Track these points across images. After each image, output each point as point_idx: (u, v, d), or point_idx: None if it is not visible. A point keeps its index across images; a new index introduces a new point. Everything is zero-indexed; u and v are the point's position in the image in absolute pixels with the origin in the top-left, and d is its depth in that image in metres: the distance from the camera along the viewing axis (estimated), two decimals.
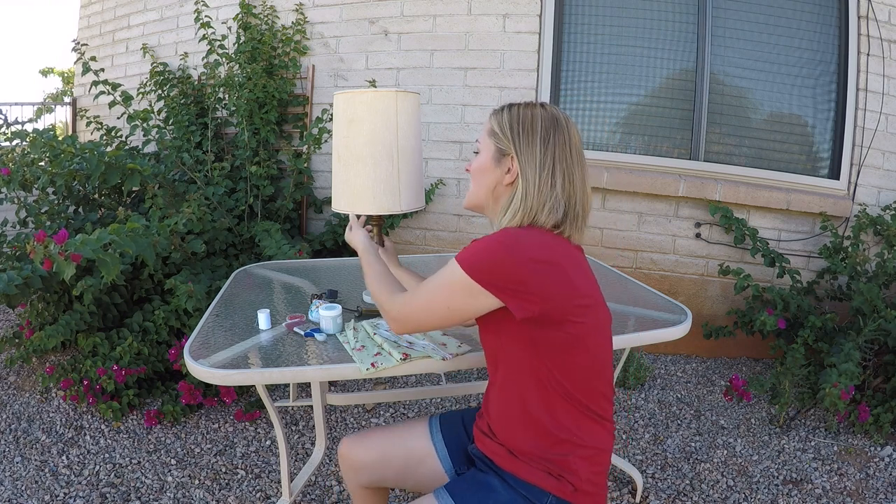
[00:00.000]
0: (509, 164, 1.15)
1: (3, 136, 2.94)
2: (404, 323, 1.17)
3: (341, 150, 1.55)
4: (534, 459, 1.11)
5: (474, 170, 1.22)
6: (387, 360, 1.35)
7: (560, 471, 1.10)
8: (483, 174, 1.20)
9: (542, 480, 1.10)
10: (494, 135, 1.18)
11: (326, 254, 3.35)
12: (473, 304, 1.09)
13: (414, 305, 1.16)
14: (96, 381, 2.44)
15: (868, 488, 2.14)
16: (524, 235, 1.08)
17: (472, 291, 1.07)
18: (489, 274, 1.05)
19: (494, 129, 1.18)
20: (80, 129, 4.94)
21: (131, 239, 2.16)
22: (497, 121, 1.18)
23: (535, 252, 1.05)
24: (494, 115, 1.20)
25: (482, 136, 1.22)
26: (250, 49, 3.49)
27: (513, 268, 1.04)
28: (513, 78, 3.32)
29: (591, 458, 1.11)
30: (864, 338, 2.48)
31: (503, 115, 1.17)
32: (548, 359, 1.08)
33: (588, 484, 1.11)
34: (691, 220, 3.25)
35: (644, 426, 2.55)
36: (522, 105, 1.17)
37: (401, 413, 2.60)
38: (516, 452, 1.13)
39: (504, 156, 1.16)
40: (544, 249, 1.07)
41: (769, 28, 3.16)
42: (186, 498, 2.01)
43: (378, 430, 1.40)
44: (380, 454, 1.33)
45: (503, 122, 1.17)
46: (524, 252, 1.05)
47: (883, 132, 3.10)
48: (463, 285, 1.08)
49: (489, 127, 1.20)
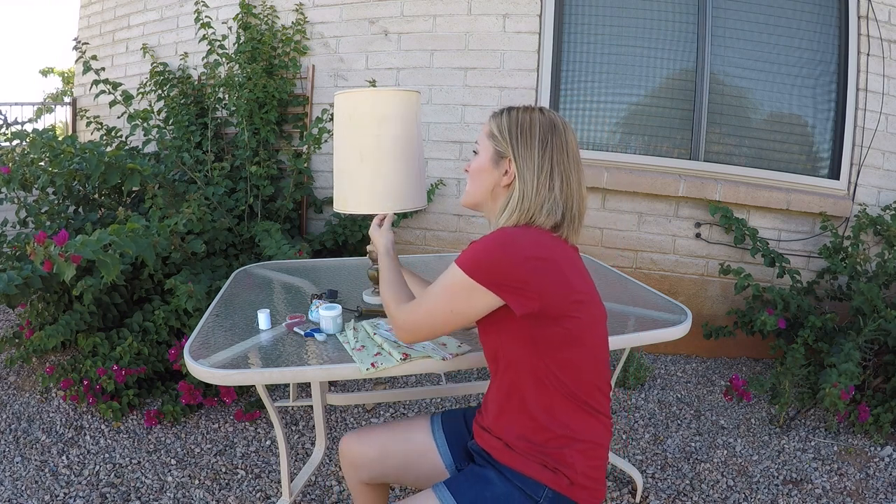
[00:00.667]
0: (507, 167, 1.18)
1: (3, 136, 2.94)
2: (410, 332, 1.20)
3: (342, 149, 1.55)
4: (530, 452, 1.13)
5: (472, 170, 1.25)
6: (387, 360, 1.35)
7: (556, 464, 1.11)
8: (481, 175, 1.22)
9: (537, 473, 1.11)
10: (493, 137, 1.20)
11: (326, 254, 3.35)
12: (475, 305, 1.11)
13: (418, 313, 1.18)
14: (96, 381, 2.44)
15: (868, 488, 2.14)
16: (520, 234, 1.11)
17: (472, 292, 1.10)
18: (488, 273, 1.08)
19: (493, 132, 1.20)
20: (80, 129, 4.94)
21: (131, 239, 2.15)
22: (496, 123, 1.21)
23: (531, 250, 1.08)
24: (493, 118, 1.22)
25: (481, 138, 1.24)
26: (250, 49, 3.49)
27: (510, 266, 1.07)
28: (513, 78, 3.32)
29: (587, 452, 1.13)
30: (864, 338, 2.48)
31: (502, 119, 1.20)
32: (546, 355, 1.10)
33: (584, 478, 1.12)
34: (691, 220, 3.25)
35: (644, 426, 2.55)
36: (521, 109, 1.20)
37: (401, 413, 2.60)
38: (512, 445, 1.15)
39: (502, 158, 1.19)
40: (540, 247, 1.10)
41: (769, 28, 3.17)
42: (186, 498, 2.01)
43: (379, 426, 1.41)
44: (380, 450, 1.35)
45: (502, 125, 1.19)
46: (521, 250, 1.08)
47: (883, 132, 3.10)
48: (463, 286, 1.10)
49: (488, 129, 1.22)
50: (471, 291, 1.10)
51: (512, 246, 1.08)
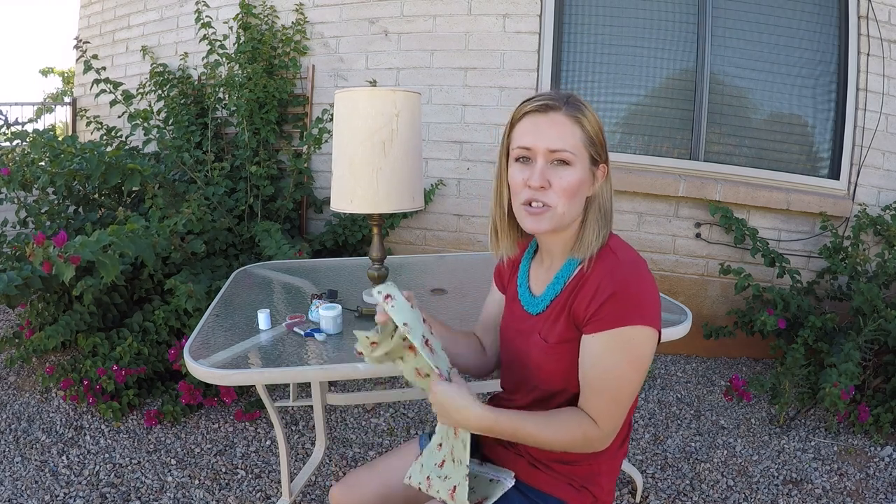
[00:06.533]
0: (599, 173, 1.03)
1: (3, 136, 2.94)
2: (615, 433, 1.00)
3: (342, 148, 1.55)
4: (560, 472, 1.07)
5: (569, 188, 0.99)
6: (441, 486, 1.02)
7: (583, 482, 1.07)
8: (580, 192, 1.01)
9: (563, 492, 1.07)
10: (591, 142, 1.00)
11: (326, 254, 3.35)
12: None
13: (617, 413, 0.97)
14: (96, 381, 2.44)
15: (868, 488, 2.14)
16: (641, 257, 1.02)
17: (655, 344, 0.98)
18: (660, 315, 0.98)
19: (590, 135, 1.00)
20: (80, 129, 4.94)
21: (131, 240, 2.15)
22: (589, 123, 1.00)
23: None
24: (579, 116, 0.99)
25: (570, 143, 0.98)
26: (250, 49, 3.49)
27: (658, 299, 1.00)
28: (513, 78, 3.32)
29: (612, 467, 1.10)
30: (864, 338, 2.48)
31: (586, 116, 1.00)
32: None
33: (607, 494, 1.09)
34: (691, 220, 3.25)
35: (644, 426, 2.55)
36: (582, 100, 1.02)
37: (401, 413, 2.60)
38: (539, 464, 1.08)
39: (596, 164, 1.02)
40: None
41: (769, 28, 3.16)
42: (186, 498, 2.01)
43: (369, 469, 1.25)
44: (379, 500, 1.21)
45: (593, 124, 1.00)
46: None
47: (883, 132, 3.09)
48: (654, 344, 0.97)
49: (579, 134, 0.99)
50: (655, 345, 0.97)
51: (649, 273, 0.99)
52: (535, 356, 1.06)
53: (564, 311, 1.02)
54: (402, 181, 1.54)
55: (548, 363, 1.03)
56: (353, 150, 1.51)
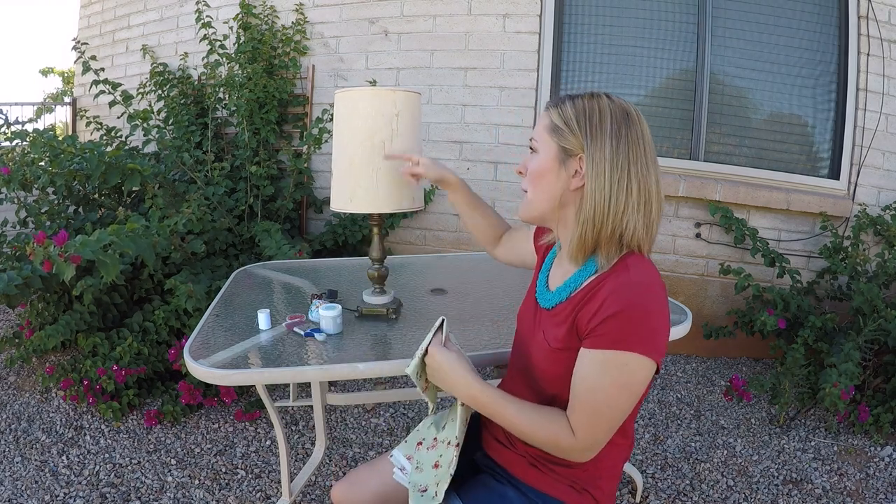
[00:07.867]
0: (577, 166, 0.99)
1: (3, 136, 2.94)
2: (593, 450, 0.98)
3: (342, 148, 1.55)
4: (561, 473, 1.06)
5: (532, 173, 1.04)
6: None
7: (585, 484, 1.06)
8: (544, 178, 1.02)
9: (564, 494, 1.06)
10: (557, 130, 1.01)
11: (326, 254, 3.35)
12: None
13: (599, 430, 0.95)
14: (96, 381, 2.44)
15: (868, 488, 2.14)
16: (658, 277, 0.97)
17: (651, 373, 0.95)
18: (664, 349, 0.95)
19: (557, 124, 1.01)
20: (80, 129, 4.94)
21: (131, 239, 2.15)
22: (559, 114, 1.01)
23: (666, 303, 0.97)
24: (554, 107, 1.03)
25: (538, 133, 1.04)
26: (250, 49, 3.49)
27: (667, 331, 0.96)
28: (513, 78, 3.32)
29: (615, 470, 1.09)
30: (864, 338, 2.48)
31: (567, 108, 1.01)
32: None
33: (608, 497, 1.09)
34: (691, 220, 3.25)
35: (644, 426, 2.55)
36: (587, 96, 1.01)
37: (401, 413, 2.60)
38: (540, 464, 1.08)
39: (570, 156, 1.00)
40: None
41: (769, 28, 3.16)
42: (186, 498, 2.01)
43: (370, 467, 1.28)
44: (379, 499, 1.23)
45: (567, 115, 1.00)
46: (666, 303, 0.96)
47: (883, 132, 3.09)
48: (648, 374, 0.94)
49: (548, 122, 1.03)
50: (650, 375, 0.95)
51: (665, 301, 0.95)
52: (536, 355, 1.07)
53: (570, 318, 1.01)
54: (403, 181, 1.54)
55: (546, 364, 1.04)
56: (353, 150, 1.51)
